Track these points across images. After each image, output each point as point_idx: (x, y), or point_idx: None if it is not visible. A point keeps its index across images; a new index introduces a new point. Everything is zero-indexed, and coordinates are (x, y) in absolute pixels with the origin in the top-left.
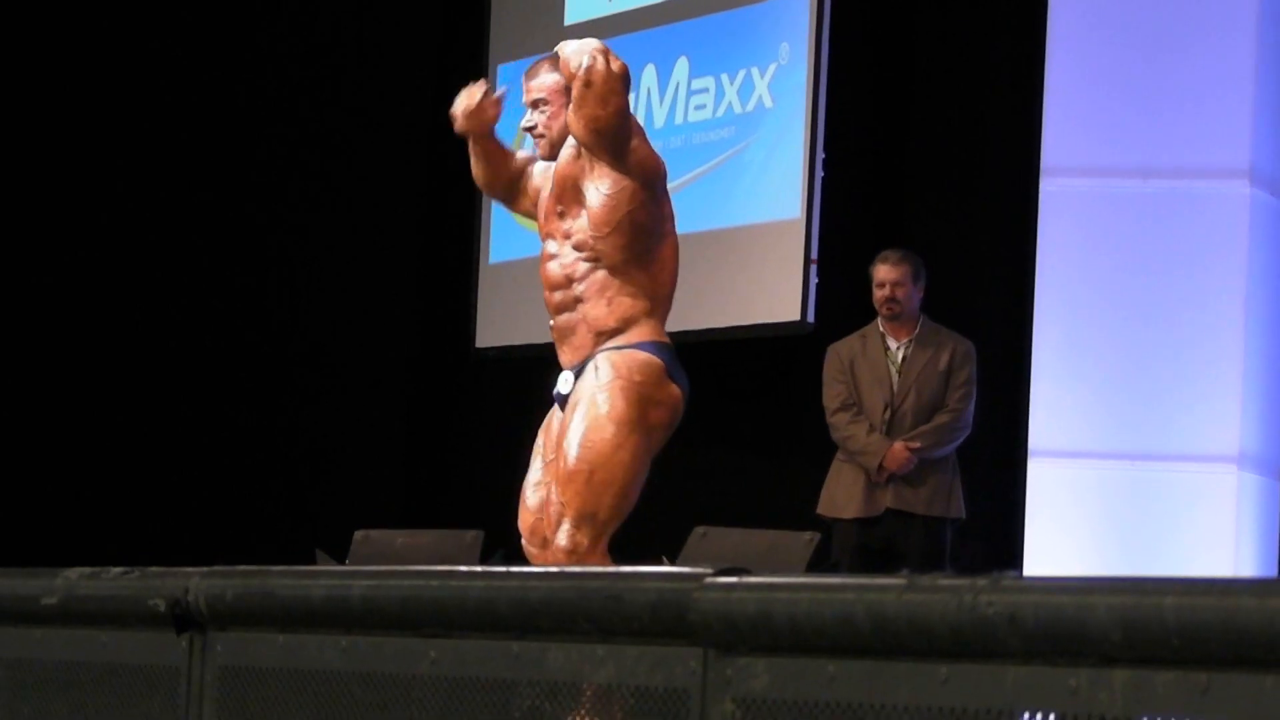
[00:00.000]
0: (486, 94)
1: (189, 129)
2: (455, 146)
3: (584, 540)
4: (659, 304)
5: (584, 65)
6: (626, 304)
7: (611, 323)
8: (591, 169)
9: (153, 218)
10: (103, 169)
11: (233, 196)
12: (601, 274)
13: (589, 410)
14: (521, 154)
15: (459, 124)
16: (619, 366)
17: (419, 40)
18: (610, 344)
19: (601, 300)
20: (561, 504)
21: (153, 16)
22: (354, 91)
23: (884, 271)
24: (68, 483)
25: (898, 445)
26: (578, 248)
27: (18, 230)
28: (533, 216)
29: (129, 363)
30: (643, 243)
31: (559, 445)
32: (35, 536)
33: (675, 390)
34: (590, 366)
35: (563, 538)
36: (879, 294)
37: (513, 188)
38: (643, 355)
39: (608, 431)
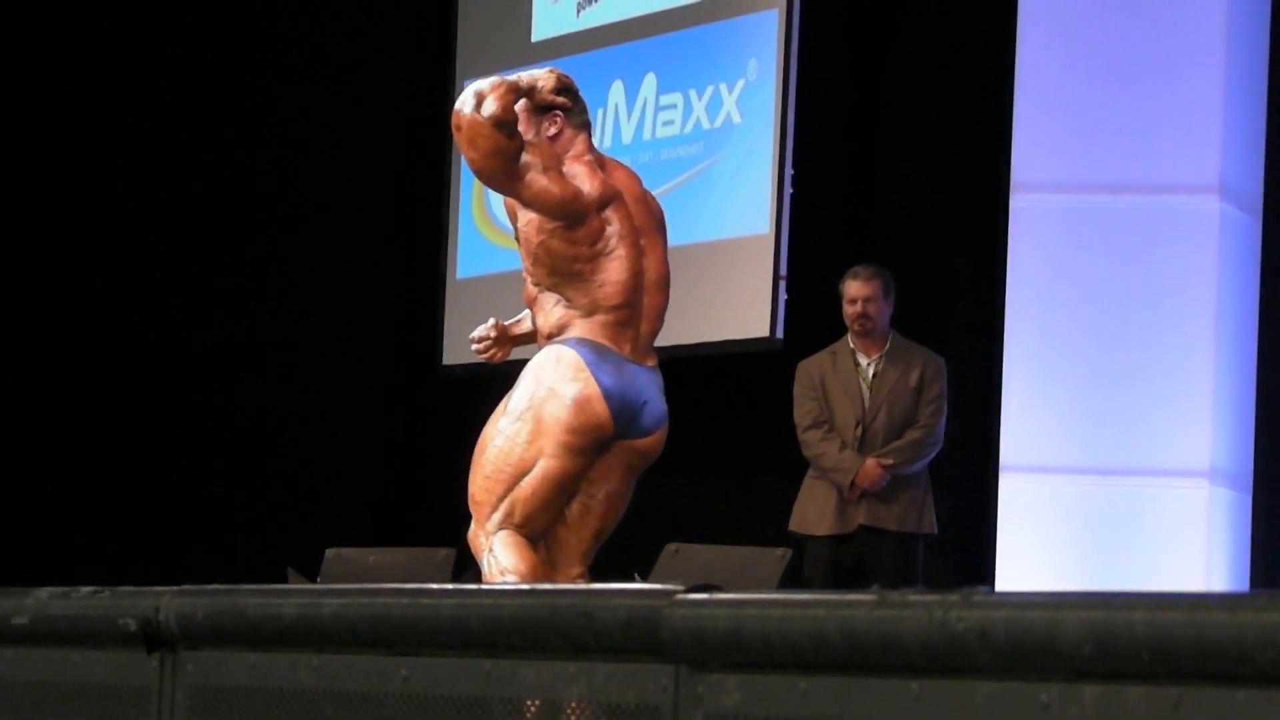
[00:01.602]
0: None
1: (153, 153)
2: (422, 164)
3: (475, 526)
4: (604, 313)
5: (455, 108)
6: (563, 312)
7: (548, 329)
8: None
9: (118, 245)
10: (72, 200)
11: (197, 217)
12: (545, 294)
13: (504, 406)
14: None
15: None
16: (537, 361)
17: (386, 57)
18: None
19: (543, 310)
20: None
21: (120, 31)
22: (320, 110)
23: (855, 288)
24: (38, 502)
25: (870, 462)
26: (526, 273)
27: None
28: None
29: (97, 383)
30: (567, 268)
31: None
32: (4, 557)
33: (591, 388)
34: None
35: (474, 525)
36: (850, 310)
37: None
38: (558, 348)
39: (503, 425)
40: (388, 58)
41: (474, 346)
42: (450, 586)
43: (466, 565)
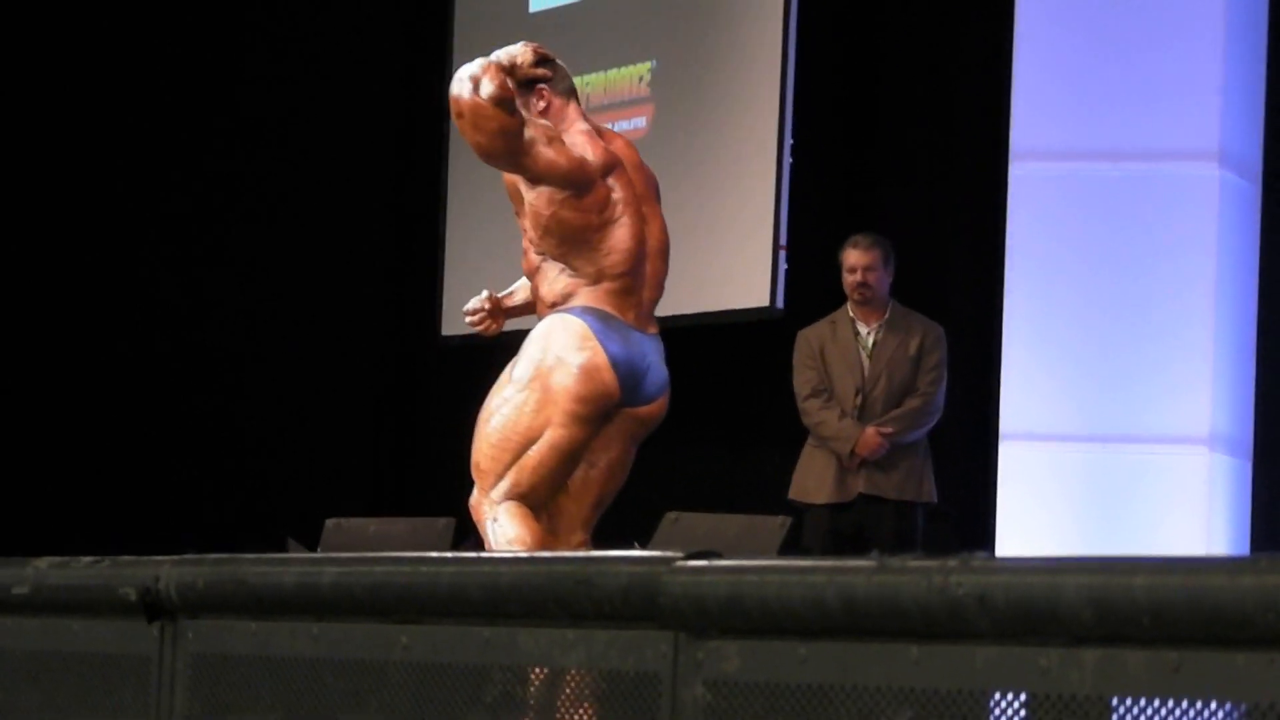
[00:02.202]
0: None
1: (156, 119)
2: (420, 136)
3: (477, 493)
4: (609, 281)
5: (452, 95)
6: (567, 281)
7: (551, 298)
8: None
9: (120, 207)
10: (69, 166)
11: (200, 186)
12: (549, 263)
13: (506, 374)
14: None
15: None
16: (542, 330)
17: (382, 29)
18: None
19: (547, 280)
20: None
21: (118, 19)
22: (319, 82)
23: (855, 256)
24: (37, 472)
25: (870, 430)
26: (530, 243)
27: None
28: None
29: (98, 353)
30: (578, 236)
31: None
32: (3, 527)
33: (599, 357)
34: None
35: (475, 493)
36: (850, 279)
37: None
38: (563, 316)
39: (507, 393)
40: (385, 29)
41: (468, 319)
42: (449, 555)
43: (466, 534)
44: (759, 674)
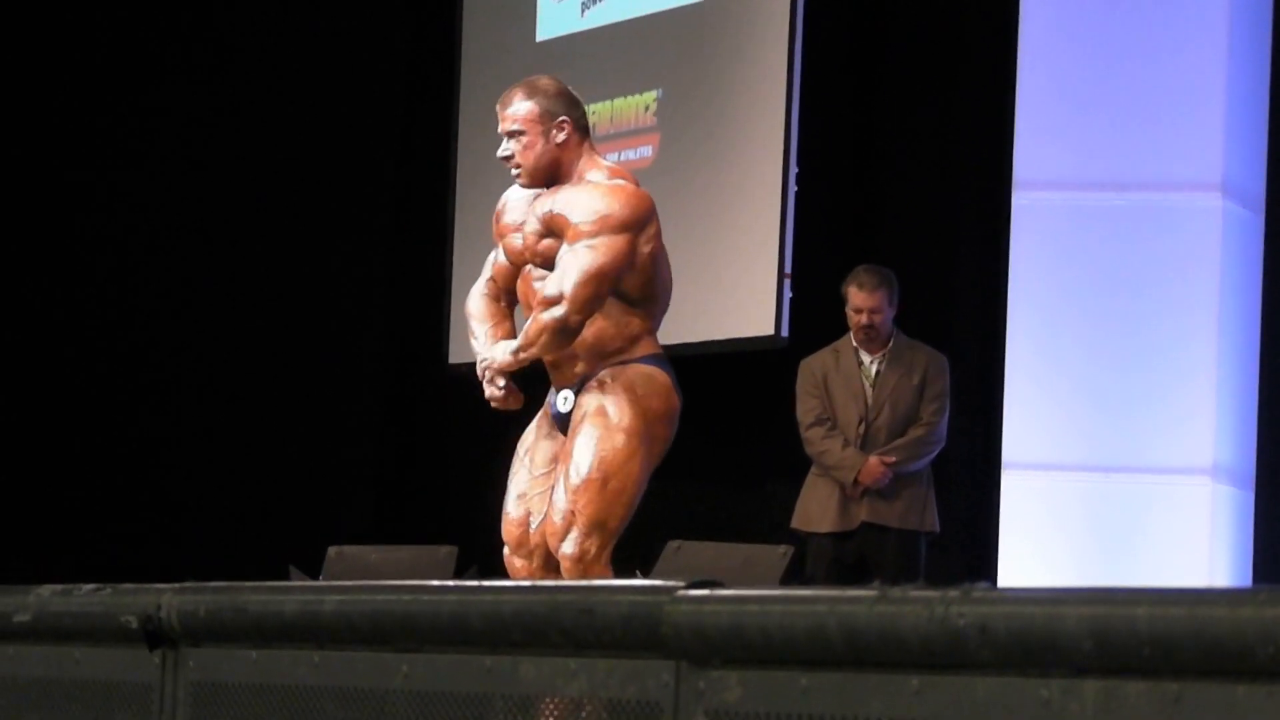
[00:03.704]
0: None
1: (157, 146)
2: (426, 162)
3: (591, 548)
4: (657, 319)
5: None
6: (631, 322)
7: (618, 342)
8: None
9: (117, 233)
10: (67, 179)
11: (201, 211)
12: (612, 303)
13: (600, 420)
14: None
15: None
16: (629, 380)
17: (389, 56)
18: (615, 360)
19: (605, 321)
20: (572, 512)
21: (120, 20)
22: (324, 106)
23: (860, 299)
24: (39, 499)
25: (873, 459)
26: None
27: None
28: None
29: (99, 378)
30: (633, 279)
31: (566, 455)
32: (5, 554)
33: (677, 405)
34: (595, 381)
35: (570, 545)
36: (855, 319)
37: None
38: (647, 369)
39: (619, 441)
40: (392, 57)
41: (494, 404)
42: (451, 584)
43: (469, 563)
44: (760, 704)
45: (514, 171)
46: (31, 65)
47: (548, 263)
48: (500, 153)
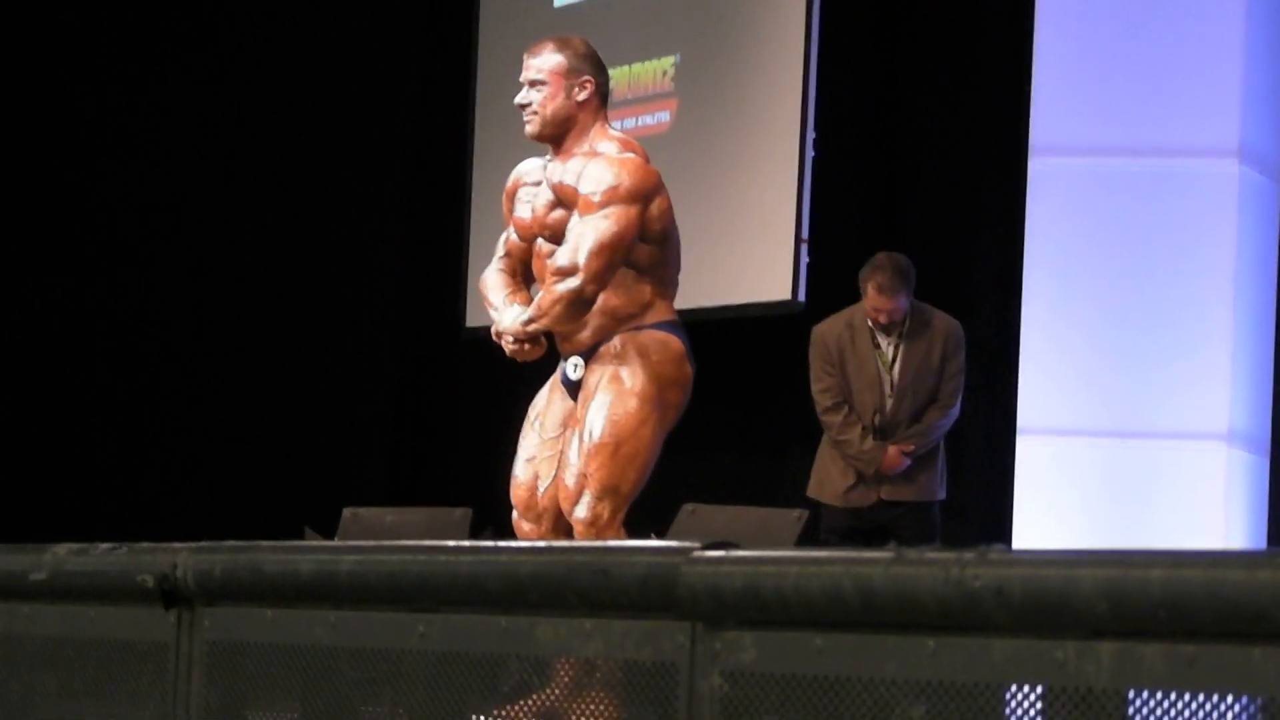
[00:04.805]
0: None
1: (180, 106)
2: (444, 127)
3: (604, 513)
4: (671, 286)
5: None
6: (643, 290)
7: (632, 308)
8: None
9: (140, 193)
10: (86, 152)
11: (220, 176)
12: (624, 272)
13: (614, 386)
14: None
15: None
16: (641, 346)
17: (407, 21)
18: (629, 325)
19: (618, 290)
20: (585, 476)
21: (140, 11)
22: (343, 73)
23: (879, 301)
24: (56, 460)
25: (893, 450)
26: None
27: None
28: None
29: (117, 341)
30: (643, 251)
31: (579, 420)
32: (23, 514)
33: (690, 371)
34: (608, 347)
35: (583, 510)
36: (872, 313)
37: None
38: (661, 335)
39: (632, 406)
40: (410, 21)
41: (515, 355)
42: (467, 544)
43: (484, 525)
44: (775, 665)
45: (526, 118)
46: (46, 58)
47: (556, 236)
48: (519, 99)
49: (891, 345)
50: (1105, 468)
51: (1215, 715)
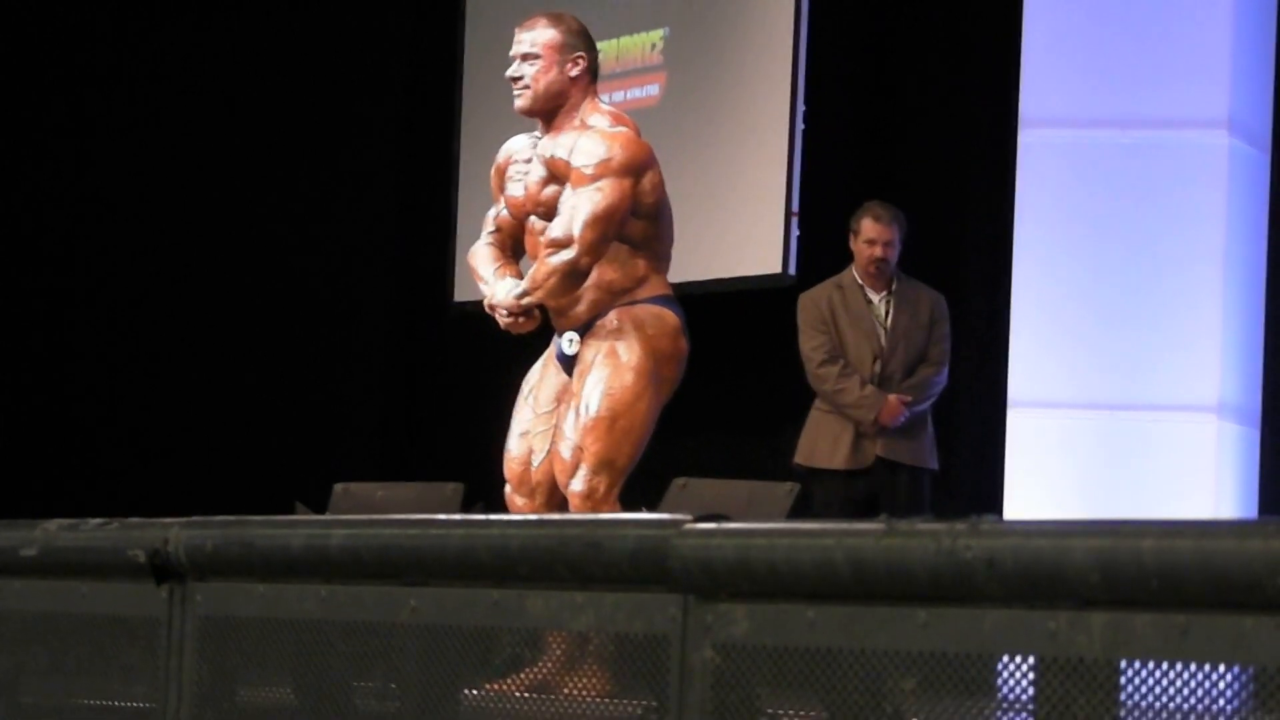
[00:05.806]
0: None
1: (167, 89)
2: (431, 101)
3: (600, 486)
4: (665, 260)
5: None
6: (637, 264)
7: (627, 283)
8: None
9: (133, 181)
10: (78, 137)
11: (209, 153)
12: (617, 246)
13: (610, 360)
14: (501, 213)
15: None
16: (637, 320)
17: (394, 2)
18: (624, 299)
19: (613, 264)
20: (580, 450)
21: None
22: (328, 47)
23: (876, 230)
24: (46, 435)
25: (893, 398)
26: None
27: None
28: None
29: (108, 318)
30: (636, 225)
31: (574, 394)
32: (13, 489)
33: (685, 346)
34: (604, 322)
35: (579, 483)
36: (868, 251)
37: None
38: (657, 309)
39: (629, 380)
40: (397, 4)
41: (510, 327)
42: (458, 517)
43: (475, 500)
44: (767, 637)
45: (517, 92)
46: (37, 57)
47: (550, 212)
48: (510, 72)
49: (883, 301)
50: (1096, 440)
51: (1207, 685)
